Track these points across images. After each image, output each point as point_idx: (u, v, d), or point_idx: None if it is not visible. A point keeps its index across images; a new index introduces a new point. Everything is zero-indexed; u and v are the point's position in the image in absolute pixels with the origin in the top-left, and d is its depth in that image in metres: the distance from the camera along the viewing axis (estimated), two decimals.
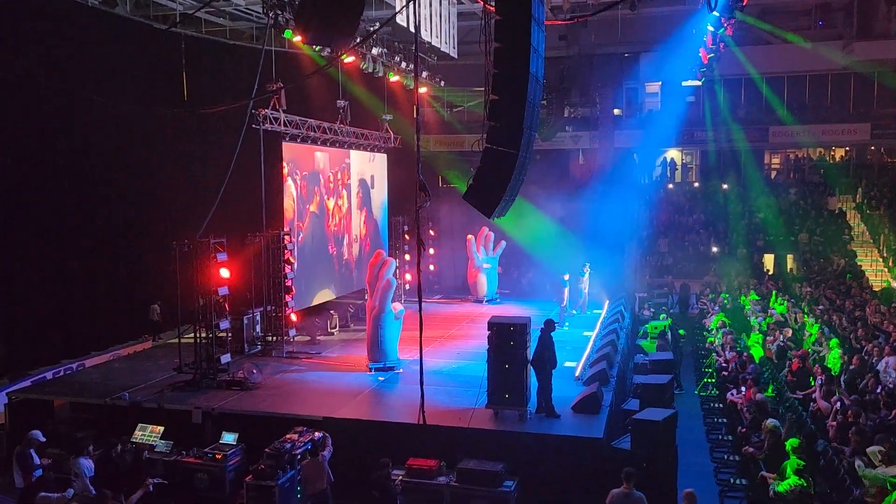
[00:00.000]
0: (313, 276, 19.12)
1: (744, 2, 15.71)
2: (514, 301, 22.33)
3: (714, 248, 27.35)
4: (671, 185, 32.46)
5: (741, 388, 13.27)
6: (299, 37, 14.83)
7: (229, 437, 11.35)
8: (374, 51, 19.66)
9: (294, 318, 16.90)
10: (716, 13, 15.72)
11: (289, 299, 16.50)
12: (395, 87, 22.47)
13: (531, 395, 11.69)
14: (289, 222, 17.32)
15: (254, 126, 15.47)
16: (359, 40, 17.24)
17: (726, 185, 30.46)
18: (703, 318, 21.16)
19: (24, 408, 12.92)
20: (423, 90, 23.64)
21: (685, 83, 24.57)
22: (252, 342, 16.36)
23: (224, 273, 13.69)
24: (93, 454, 9.99)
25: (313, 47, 17.30)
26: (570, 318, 19.30)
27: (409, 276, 21.94)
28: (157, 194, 18.64)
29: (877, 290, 22.25)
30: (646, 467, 9.50)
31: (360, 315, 18.41)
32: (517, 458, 10.62)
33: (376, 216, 23.08)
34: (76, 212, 16.83)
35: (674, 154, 33.36)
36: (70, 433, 11.56)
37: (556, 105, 24.99)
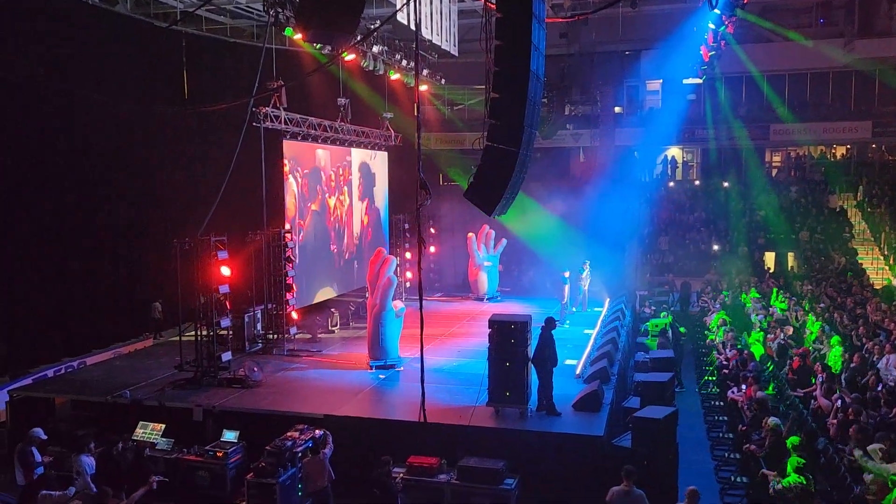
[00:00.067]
0: (314, 273, 19.12)
1: None
2: (514, 299, 22.32)
3: (715, 246, 27.29)
4: (672, 183, 32.37)
5: (742, 386, 13.25)
6: (300, 35, 14.84)
7: (230, 435, 11.38)
8: (375, 48, 19.64)
9: (295, 315, 16.95)
10: (717, 11, 15.72)
11: (290, 297, 16.53)
12: (396, 85, 22.45)
13: (532, 393, 11.70)
14: (290, 220, 17.34)
15: (255, 124, 15.49)
16: (359, 38, 17.23)
17: (727, 183, 30.38)
18: (704, 316, 21.15)
19: (26, 405, 12.95)
20: (423, 88, 23.62)
21: (686, 81, 24.48)
22: (253, 340, 16.39)
23: (225, 271, 13.73)
24: (94, 452, 10.02)
25: (314, 45, 17.29)
26: (571, 315, 19.30)
27: (409, 273, 21.95)
28: (157, 194, 18.66)
29: (878, 287, 22.23)
30: (646, 465, 9.49)
31: (361, 313, 18.42)
32: (518, 456, 10.63)
33: (377, 214, 23.08)
34: (76, 212, 16.83)
35: (675, 152, 33.28)
36: (71, 431, 11.62)
37: (556, 103, 24.96)
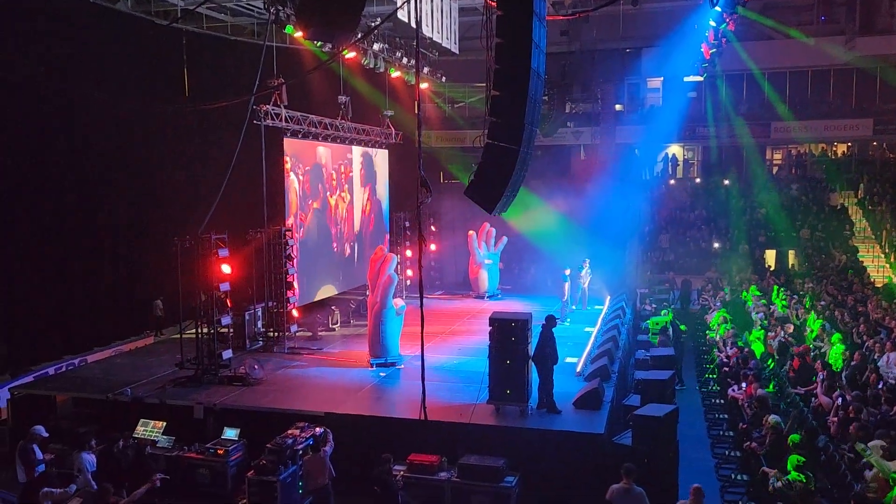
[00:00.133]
0: (315, 271, 19.12)
1: None
2: (515, 297, 22.31)
3: (715, 244, 27.28)
4: (673, 181, 32.34)
5: (742, 384, 13.25)
6: (300, 32, 14.87)
7: (231, 433, 11.40)
8: (376, 46, 19.63)
9: (295, 313, 16.94)
10: (718, 8, 15.70)
11: (290, 295, 16.53)
12: (397, 83, 22.44)
13: (532, 391, 11.70)
14: (291, 218, 17.33)
15: (255, 122, 15.48)
16: (360, 36, 17.23)
17: (728, 181, 30.38)
18: (704, 314, 21.15)
19: (27, 403, 12.97)
20: (424, 86, 23.58)
21: (687, 79, 24.50)
22: (254, 338, 16.41)
23: (225, 269, 13.73)
24: (95, 449, 10.05)
25: (314, 43, 17.28)
26: (572, 313, 19.30)
27: (410, 271, 21.96)
28: (158, 194, 18.67)
29: (878, 285, 22.20)
30: (647, 463, 9.50)
31: (362, 311, 18.43)
32: (518, 454, 10.63)
33: (378, 212, 23.07)
34: (76, 211, 16.85)
35: (675, 150, 33.24)
36: (72, 428, 11.65)
37: (557, 101, 24.97)
